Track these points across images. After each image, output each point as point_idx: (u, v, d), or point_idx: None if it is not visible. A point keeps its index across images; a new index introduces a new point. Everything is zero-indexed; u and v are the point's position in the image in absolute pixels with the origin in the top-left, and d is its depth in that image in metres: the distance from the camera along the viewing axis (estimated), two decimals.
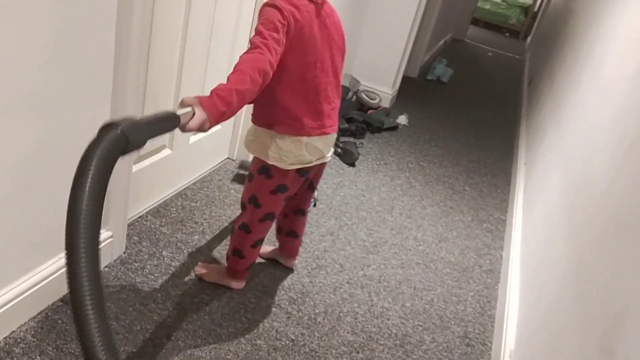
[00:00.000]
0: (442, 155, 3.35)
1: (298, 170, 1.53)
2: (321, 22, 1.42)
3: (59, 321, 1.47)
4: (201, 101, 1.12)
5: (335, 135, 1.59)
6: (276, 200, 1.58)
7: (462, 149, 3.56)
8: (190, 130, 1.11)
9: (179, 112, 1.08)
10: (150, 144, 1.92)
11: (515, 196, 2.83)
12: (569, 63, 2.95)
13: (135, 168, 1.84)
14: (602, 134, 1.64)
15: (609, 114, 1.64)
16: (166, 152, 2.05)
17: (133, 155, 1.70)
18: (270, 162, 1.49)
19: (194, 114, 1.10)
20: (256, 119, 1.51)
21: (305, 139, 1.48)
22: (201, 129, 1.12)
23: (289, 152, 1.48)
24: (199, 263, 1.81)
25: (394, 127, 3.56)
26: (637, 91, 1.45)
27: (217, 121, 1.15)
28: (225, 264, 1.76)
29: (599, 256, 1.24)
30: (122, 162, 1.61)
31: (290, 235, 1.85)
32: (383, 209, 2.53)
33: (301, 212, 1.80)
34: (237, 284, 1.76)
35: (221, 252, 1.91)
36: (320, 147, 1.52)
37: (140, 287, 1.66)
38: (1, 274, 1.35)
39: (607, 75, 1.90)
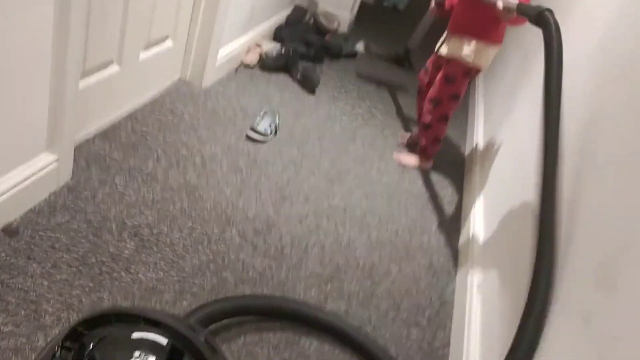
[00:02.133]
0: (400, 84, 3.27)
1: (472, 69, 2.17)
2: None
3: (2, 254, 1.32)
4: None
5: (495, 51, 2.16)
6: (464, 90, 2.24)
7: None
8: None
9: None
10: (98, 59, 1.72)
11: (474, 128, 2.82)
12: None
13: (81, 84, 1.64)
14: (582, 64, 1.59)
15: (591, 42, 1.59)
16: (114, 68, 1.84)
17: (79, 69, 1.51)
18: (471, 63, 2.11)
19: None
20: (465, 29, 2.11)
21: (489, 46, 2.10)
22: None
23: (480, 54, 2.09)
24: (396, 154, 2.45)
25: (353, 54, 3.42)
26: (624, 19, 1.39)
27: None
28: (417, 154, 2.43)
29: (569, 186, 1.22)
30: (69, 76, 1.42)
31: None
32: (345, 139, 2.45)
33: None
34: (429, 164, 2.41)
35: (178, 180, 1.78)
36: (489, 56, 2.13)
37: (93, 217, 1.52)
38: None
39: (583, 7, 1.84)
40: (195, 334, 0.82)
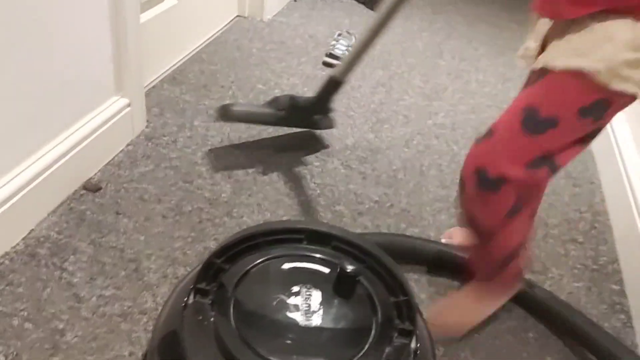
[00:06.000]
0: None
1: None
2: None
3: (88, 212, 1.14)
4: None
5: None
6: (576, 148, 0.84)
7: None
8: None
9: None
10: None
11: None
12: None
13: (142, 18, 1.43)
14: None
15: None
16: (171, 1, 1.62)
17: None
18: (618, 86, 0.71)
19: None
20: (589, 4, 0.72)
21: None
22: None
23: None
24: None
25: None
26: None
27: None
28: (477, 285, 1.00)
29: None
30: (129, 7, 1.20)
31: None
32: (432, 54, 2.14)
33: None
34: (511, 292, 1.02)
35: None
36: None
37: (179, 163, 1.32)
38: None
39: None
40: (381, 252, 0.59)
